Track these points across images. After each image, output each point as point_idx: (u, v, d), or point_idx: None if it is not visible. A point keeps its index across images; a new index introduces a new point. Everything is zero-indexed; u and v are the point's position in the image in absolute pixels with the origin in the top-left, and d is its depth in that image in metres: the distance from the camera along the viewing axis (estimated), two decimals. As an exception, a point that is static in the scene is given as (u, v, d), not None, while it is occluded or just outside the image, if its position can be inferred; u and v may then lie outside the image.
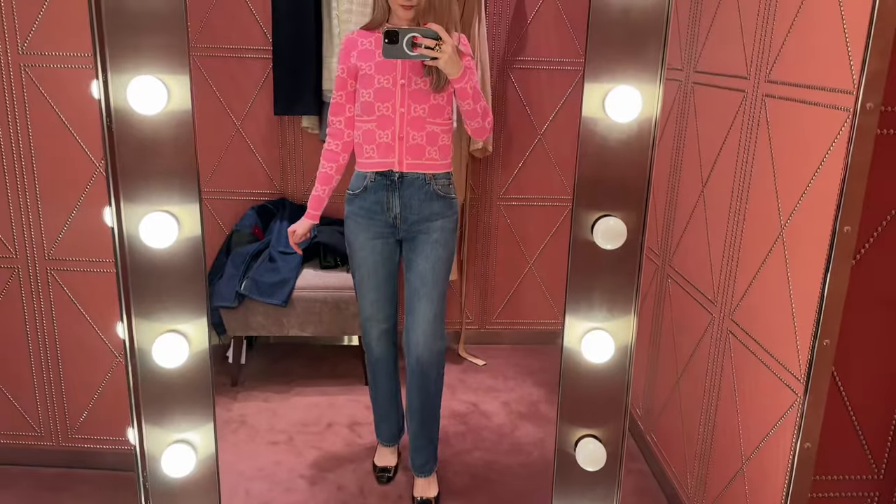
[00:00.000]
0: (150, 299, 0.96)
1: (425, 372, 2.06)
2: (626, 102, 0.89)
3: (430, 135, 1.94)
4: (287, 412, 2.71)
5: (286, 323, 2.77)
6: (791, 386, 1.56)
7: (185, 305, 0.97)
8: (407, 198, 1.98)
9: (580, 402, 1.06)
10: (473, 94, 1.89)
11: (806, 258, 1.51)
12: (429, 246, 2.02)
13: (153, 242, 0.92)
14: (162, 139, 0.90)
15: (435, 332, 2.04)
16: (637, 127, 0.91)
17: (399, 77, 1.90)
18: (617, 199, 0.93)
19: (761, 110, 1.73)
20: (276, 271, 2.75)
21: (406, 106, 1.91)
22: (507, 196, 3.13)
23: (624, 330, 1.00)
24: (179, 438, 1.03)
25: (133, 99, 0.87)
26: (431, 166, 1.97)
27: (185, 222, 0.94)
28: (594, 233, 0.95)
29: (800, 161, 1.55)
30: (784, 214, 1.61)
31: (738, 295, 1.81)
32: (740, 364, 1.79)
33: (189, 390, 1.02)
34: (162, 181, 0.91)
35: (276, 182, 3.06)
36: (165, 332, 0.97)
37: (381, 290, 2.10)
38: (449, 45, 1.75)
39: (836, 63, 1.43)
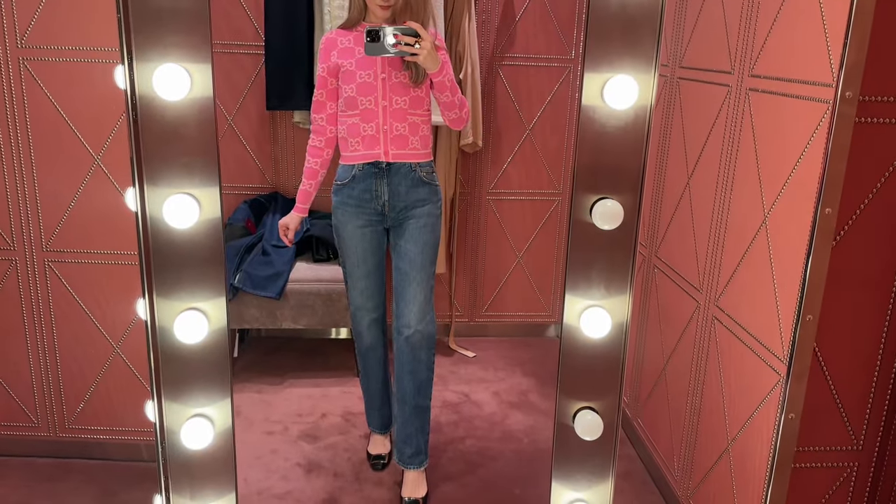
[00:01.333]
0: (171, 278, 0.99)
1: (416, 355, 2.10)
2: (624, 91, 0.95)
3: (412, 126, 2.02)
4: (281, 403, 2.75)
5: (280, 315, 2.80)
6: (774, 367, 1.63)
7: (204, 284, 1.01)
8: (395, 185, 2.05)
9: (578, 375, 1.12)
10: (451, 87, 1.99)
11: (788, 243, 1.59)
12: (417, 231, 2.09)
13: (175, 223, 0.95)
14: (185, 125, 0.94)
15: (425, 315, 2.10)
16: (633, 114, 0.97)
17: (380, 71, 1.97)
18: (614, 182, 0.99)
19: (745, 104, 1.80)
20: (269, 264, 2.79)
21: (388, 99, 1.98)
22: (496, 190, 3.19)
23: (620, 307, 1.06)
24: (198, 413, 1.07)
25: (158, 86, 0.91)
26: (415, 155, 2.05)
27: (205, 204, 0.98)
28: (592, 215, 1.00)
29: (782, 151, 1.62)
30: (767, 202, 1.68)
31: (723, 282, 1.88)
32: (725, 348, 1.86)
33: (208, 366, 1.06)
34: (184, 165, 0.95)
35: (268, 176, 3.10)
36: (186, 309, 1.01)
37: (370, 278, 2.16)
38: (428, 41, 1.85)
39: (816, 57, 1.50)
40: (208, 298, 1.01)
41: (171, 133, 0.93)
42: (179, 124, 0.93)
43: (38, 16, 1.99)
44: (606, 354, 1.09)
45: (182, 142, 0.94)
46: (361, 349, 2.27)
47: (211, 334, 1.04)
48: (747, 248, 1.76)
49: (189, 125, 0.93)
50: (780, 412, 1.48)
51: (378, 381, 2.32)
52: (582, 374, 1.11)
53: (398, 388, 2.17)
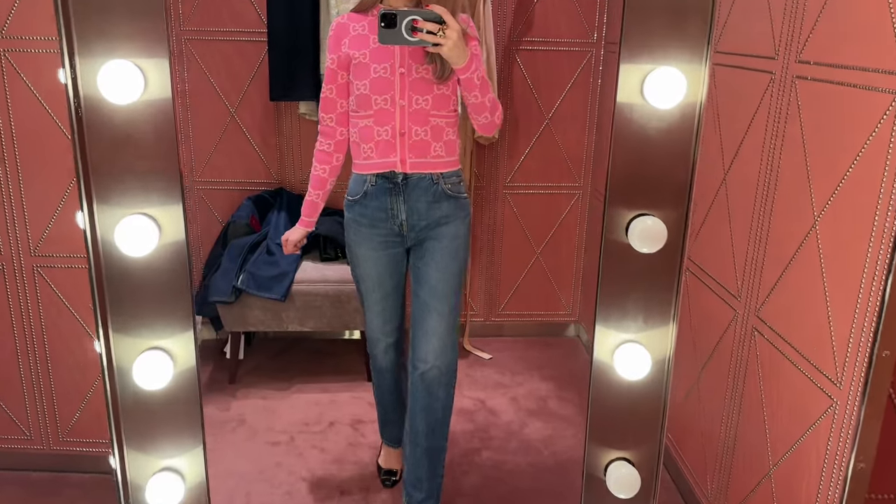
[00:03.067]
0: (128, 313, 0.85)
1: (432, 392, 1.86)
2: (668, 86, 0.78)
3: (435, 129, 1.75)
4: (287, 411, 2.61)
5: (285, 318, 2.66)
6: (825, 389, 1.46)
7: (168, 319, 0.86)
8: (413, 201, 1.79)
9: (611, 421, 0.96)
10: (481, 86, 1.70)
11: (843, 251, 1.41)
12: (439, 254, 1.83)
13: (130, 250, 0.81)
14: (138, 132, 0.79)
15: (444, 348, 1.84)
16: (679, 114, 0.80)
17: (398, 65, 1.71)
18: (656, 195, 0.82)
19: (791, 92, 1.61)
20: (274, 264, 2.64)
21: (407, 98, 1.72)
22: (513, 184, 3.02)
23: (661, 342, 0.90)
24: (166, 466, 0.93)
25: (105, 86, 0.76)
26: (438, 164, 1.78)
27: (166, 226, 0.83)
28: (629, 234, 0.84)
29: (836, 147, 1.44)
30: (818, 204, 1.50)
31: (764, 291, 1.70)
32: (767, 364, 1.69)
33: (175, 413, 0.91)
34: (139, 180, 0.80)
35: (273, 171, 2.95)
36: (147, 349, 0.86)
37: (388, 301, 1.94)
38: (454, 29, 1.54)
39: (878, 41, 1.31)
40: (173, 335, 0.87)
41: (122, 142, 0.78)
42: (133, 132, 0.77)
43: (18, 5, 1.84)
44: (645, 397, 0.92)
45: (137, 153, 0.78)
46: (376, 368, 2.08)
47: (177, 377, 0.90)
48: (794, 255, 1.58)
49: (144, 132, 0.78)
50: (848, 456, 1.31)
51: (393, 396, 2.13)
52: (615, 419, 0.95)
53: (410, 425, 1.93)
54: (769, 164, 1.70)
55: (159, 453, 0.92)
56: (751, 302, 1.77)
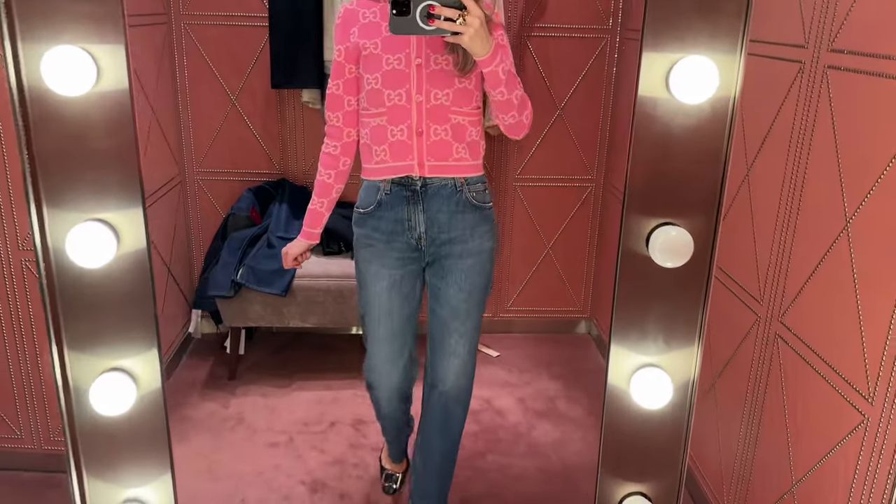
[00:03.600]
0: (85, 330, 0.76)
1: (450, 411, 1.77)
2: (698, 77, 0.68)
3: (457, 128, 1.55)
4: (287, 409, 2.53)
5: (286, 313, 2.58)
6: (856, 405, 1.35)
7: (130, 337, 0.78)
8: (433, 211, 1.59)
9: (626, 452, 0.86)
10: (507, 81, 1.48)
11: (878, 257, 1.30)
12: (462, 273, 1.63)
13: (85, 260, 0.72)
14: (92, 128, 0.69)
15: (465, 367, 1.72)
16: (710, 109, 0.70)
17: (414, 55, 1.52)
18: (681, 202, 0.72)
19: (822, 84, 1.50)
20: (274, 258, 2.55)
21: (424, 92, 1.52)
22: (524, 176, 2.91)
23: (684, 365, 0.80)
24: (130, 497, 0.85)
25: (51, 76, 0.67)
26: (461, 168, 1.59)
27: (125, 233, 0.74)
28: (650, 246, 0.74)
29: (872, 143, 1.33)
30: (850, 205, 1.39)
31: (790, 295, 1.60)
32: (791, 374, 1.58)
33: (139, 439, 0.83)
34: (94, 182, 0.71)
35: (275, 161, 2.85)
36: (107, 370, 0.78)
37: (396, 341, 1.69)
38: (475, 16, 1.35)
39: (924, 28, 1.20)
40: (136, 354, 0.78)
41: (74, 139, 0.69)
42: (85, 127, 0.68)
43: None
44: (664, 427, 0.83)
45: (90, 151, 0.69)
46: (379, 413, 1.88)
47: (141, 400, 0.81)
48: (822, 258, 1.47)
49: (98, 128, 0.69)
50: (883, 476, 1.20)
51: (395, 427, 1.95)
52: (631, 450, 0.86)
53: (424, 440, 1.84)
54: (796, 160, 1.59)
55: (123, 482, 0.84)
56: (774, 306, 1.66)
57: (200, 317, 2.85)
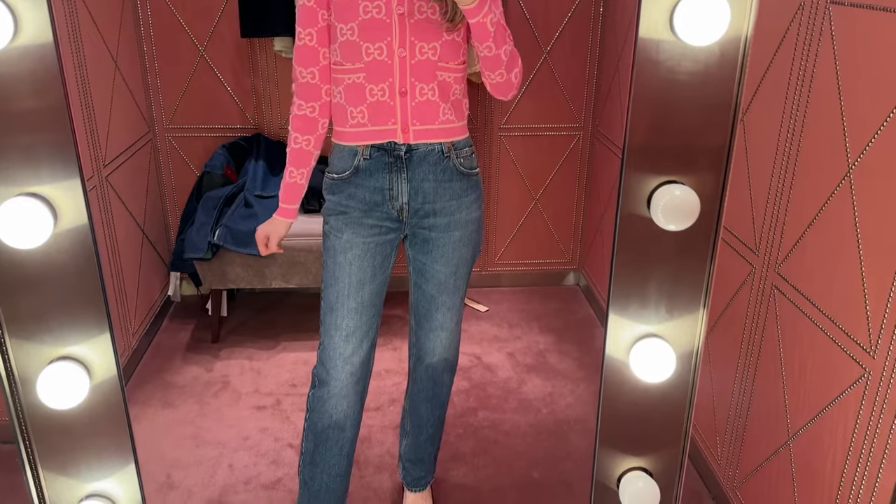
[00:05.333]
0: (28, 317, 0.69)
1: (438, 380, 1.71)
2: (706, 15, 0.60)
3: (443, 86, 1.39)
4: (273, 370, 2.48)
5: (268, 274, 2.51)
6: (858, 359, 1.31)
7: (78, 321, 0.70)
8: (418, 180, 1.44)
9: (626, 426, 0.81)
10: (496, 34, 1.33)
11: (882, 205, 1.24)
12: (449, 248, 1.50)
13: (17, 241, 0.64)
14: (13, 89, 0.61)
15: (452, 338, 1.65)
16: (719, 52, 0.62)
17: (395, 3, 1.33)
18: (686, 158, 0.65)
19: (824, 20, 1.41)
20: (253, 217, 2.46)
21: (408, 46, 1.35)
22: (509, 126, 2.81)
23: (688, 335, 0.74)
24: (94, 492, 0.78)
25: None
26: (448, 132, 1.43)
27: (63, 208, 0.65)
28: (652, 207, 0.67)
29: (876, 84, 1.25)
30: (854, 150, 1.32)
31: (787, 245, 1.54)
32: (788, 327, 1.54)
33: (98, 431, 0.76)
34: (22, 152, 0.63)
35: (248, 115, 2.73)
36: (55, 359, 0.71)
37: (362, 315, 1.50)
38: None
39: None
40: (86, 340, 0.70)
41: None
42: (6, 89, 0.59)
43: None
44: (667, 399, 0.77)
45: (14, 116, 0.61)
46: (319, 425, 1.56)
47: (95, 390, 0.74)
48: (823, 206, 1.41)
49: (21, 90, 0.60)
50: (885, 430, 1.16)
51: (333, 474, 1.61)
52: (631, 424, 0.80)
53: (413, 415, 1.78)
54: (795, 102, 1.51)
55: (83, 477, 0.77)
56: (771, 257, 1.61)
57: (179, 279, 2.77)
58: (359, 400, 1.59)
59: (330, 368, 1.53)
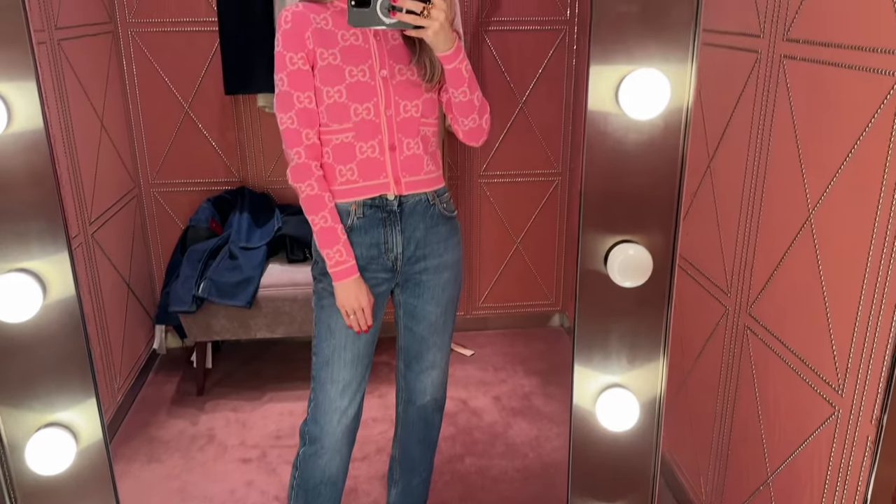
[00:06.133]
0: (17, 385, 0.71)
1: (429, 420, 1.75)
2: (649, 92, 0.65)
3: (425, 139, 1.49)
4: (259, 423, 2.48)
5: (253, 325, 2.53)
6: (827, 397, 1.35)
7: (65, 388, 0.73)
8: (410, 230, 1.51)
9: (596, 472, 0.84)
10: (470, 80, 1.43)
11: (842, 249, 1.29)
12: (439, 288, 1.58)
13: (8, 315, 0.67)
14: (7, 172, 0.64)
15: (444, 380, 1.71)
16: (663, 124, 0.68)
17: (378, 66, 1.42)
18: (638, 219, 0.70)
19: (779, 73, 1.48)
20: (237, 269, 2.49)
21: (394, 105, 1.44)
22: (489, 173, 2.88)
23: (650, 383, 0.78)
24: (79, 556, 0.80)
25: (-46, 121, 0.61)
26: (431, 181, 1.52)
27: (52, 281, 0.69)
28: (609, 265, 0.71)
29: (831, 134, 1.32)
30: (813, 196, 1.38)
31: (756, 287, 1.59)
32: (762, 366, 1.58)
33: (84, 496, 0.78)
34: (13, 231, 0.66)
35: (233, 169, 2.78)
36: (44, 425, 0.73)
37: (356, 366, 1.55)
38: (440, 8, 1.28)
39: (875, 18, 1.18)
40: (73, 406, 0.73)
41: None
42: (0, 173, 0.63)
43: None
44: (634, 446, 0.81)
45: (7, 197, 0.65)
46: (311, 482, 1.59)
47: (82, 455, 0.76)
48: (787, 249, 1.47)
49: (14, 174, 0.64)
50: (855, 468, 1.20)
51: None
52: (601, 470, 0.83)
53: (405, 460, 1.81)
54: (757, 150, 1.58)
55: (69, 542, 0.80)
56: (742, 298, 1.66)
57: (165, 332, 2.78)
58: (349, 452, 1.65)
59: (324, 424, 1.56)
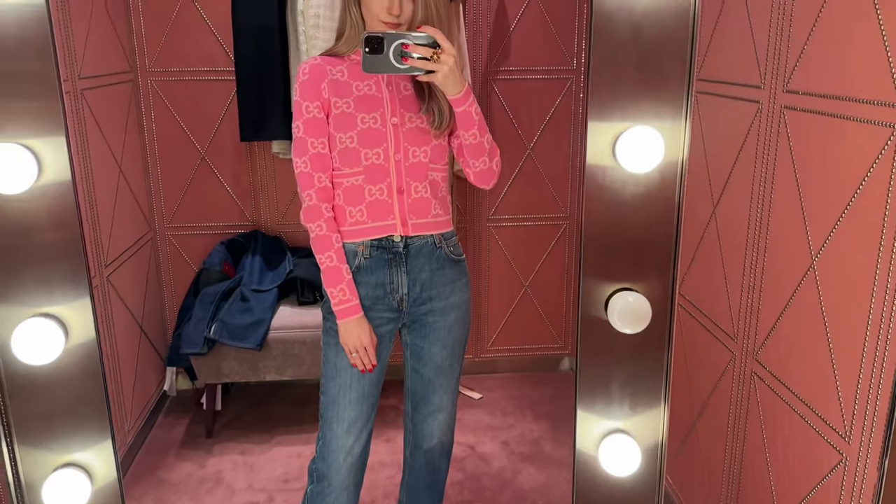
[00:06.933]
0: (36, 426, 0.74)
1: (436, 466, 1.76)
2: (644, 147, 0.68)
3: (433, 185, 1.54)
4: (267, 465, 2.48)
5: (262, 367, 2.54)
6: (833, 443, 1.35)
7: (81, 428, 0.75)
8: (416, 271, 1.55)
9: (599, 519, 0.85)
10: (480, 122, 1.47)
11: (846, 296, 1.31)
12: (445, 330, 1.61)
13: (32, 357, 0.70)
14: (35, 222, 0.68)
15: (450, 420, 1.71)
16: (659, 176, 0.71)
17: (389, 114, 1.49)
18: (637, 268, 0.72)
19: (780, 124, 1.52)
20: (248, 312, 2.53)
21: (403, 151, 1.50)
22: (497, 217, 2.92)
23: (651, 428, 0.79)
24: None
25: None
26: (438, 224, 1.56)
27: (73, 325, 0.72)
28: (609, 312, 0.74)
29: (831, 183, 1.35)
30: (815, 244, 1.40)
31: (762, 332, 1.60)
32: (769, 412, 1.58)
33: (97, 537, 0.80)
34: (38, 277, 0.70)
35: (247, 213, 2.84)
36: (60, 466, 0.75)
37: (362, 405, 1.59)
38: (450, 54, 1.34)
39: (871, 71, 1.22)
40: (90, 447, 0.75)
41: (18, 235, 0.68)
42: (28, 223, 0.67)
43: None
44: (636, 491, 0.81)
45: (34, 246, 0.68)
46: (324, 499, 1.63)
47: (95, 495, 0.78)
48: (792, 295, 1.48)
49: (41, 223, 0.68)
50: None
51: None
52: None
53: (412, 499, 1.82)
54: (760, 198, 1.60)
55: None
56: (748, 344, 1.66)
57: (175, 373, 2.80)
58: (356, 492, 1.66)
59: (331, 462, 1.60)
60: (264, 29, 2.53)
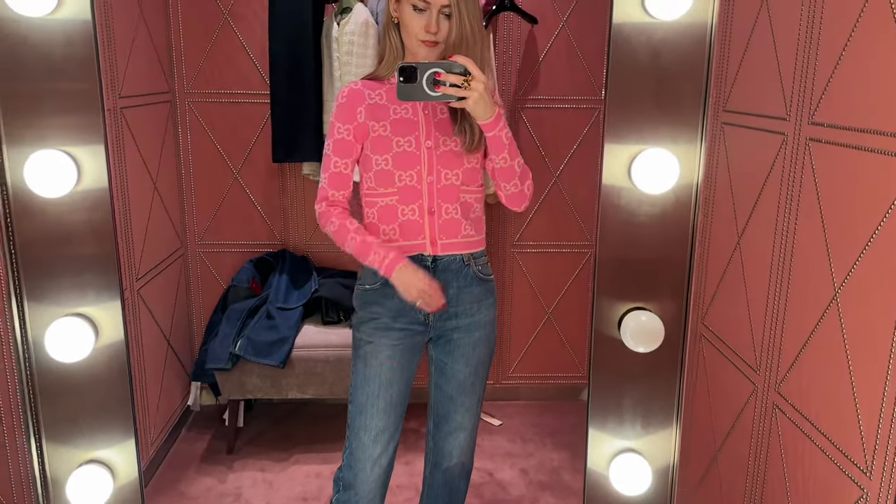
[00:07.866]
0: (64, 422, 0.77)
1: (455, 487, 1.77)
2: (659, 169, 0.70)
3: (465, 206, 1.59)
4: (286, 483, 2.49)
5: (285, 385, 2.57)
6: (855, 479, 1.33)
7: (107, 428, 0.78)
8: (443, 287, 1.58)
9: (609, 539, 0.85)
10: (510, 146, 1.52)
11: (869, 329, 1.29)
12: (470, 347, 1.64)
13: (63, 355, 0.73)
14: (72, 226, 0.72)
15: (470, 441, 1.74)
16: (674, 198, 0.72)
17: (424, 138, 1.55)
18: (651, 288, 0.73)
19: (805, 155, 1.52)
20: (273, 329, 2.56)
21: (435, 173, 1.56)
22: (522, 243, 2.93)
23: (663, 449, 0.79)
24: None
25: (33, 178, 0.69)
26: (468, 244, 1.61)
27: (103, 326, 0.75)
28: (622, 330, 0.75)
29: (855, 216, 1.34)
30: (838, 276, 1.39)
31: (785, 365, 1.58)
32: (790, 446, 1.55)
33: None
34: (73, 278, 0.73)
35: (276, 232, 2.90)
36: (84, 462, 0.78)
37: (390, 414, 1.63)
38: (480, 81, 1.41)
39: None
40: (112, 445, 0.78)
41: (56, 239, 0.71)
42: (66, 227, 0.71)
43: None
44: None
45: (70, 249, 0.72)
46: None
47: (116, 493, 0.81)
48: (814, 329, 1.47)
49: (78, 227, 0.72)
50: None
51: None
52: (612, 537, 0.84)
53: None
54: (784, 229, 1.60)
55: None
56: (771, 376, 1.65)
57: (200, 389, 2.84)
58: (385, 484, 1.69)
59: (358, 471, 1.64)
60: (299, 55, 2.61)
